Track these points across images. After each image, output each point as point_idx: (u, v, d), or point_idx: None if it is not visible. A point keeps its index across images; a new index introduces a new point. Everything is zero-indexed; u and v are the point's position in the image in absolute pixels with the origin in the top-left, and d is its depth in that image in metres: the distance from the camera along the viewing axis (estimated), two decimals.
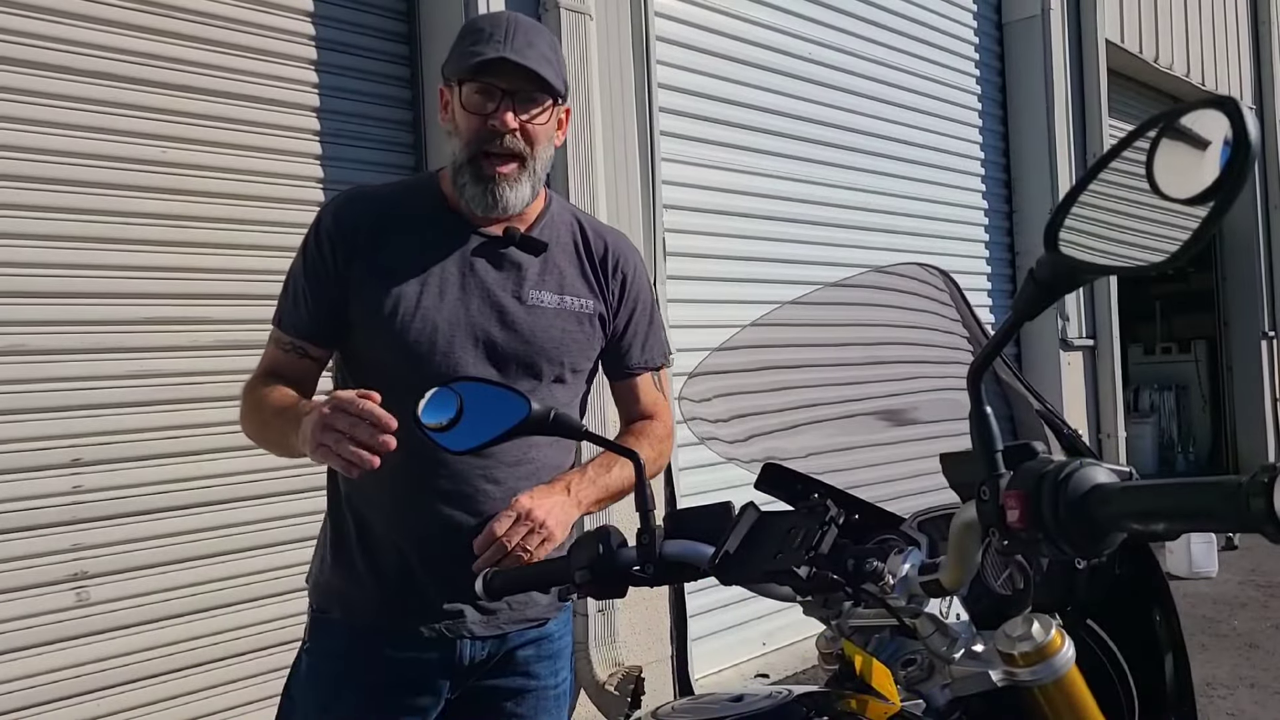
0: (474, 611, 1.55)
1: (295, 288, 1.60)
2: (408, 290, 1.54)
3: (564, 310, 1.59)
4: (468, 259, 1.58)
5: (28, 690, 2.67)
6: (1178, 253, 0.74)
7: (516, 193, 1.54)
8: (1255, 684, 4.34)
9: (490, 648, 1.58)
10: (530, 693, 1.62)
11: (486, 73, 1.50)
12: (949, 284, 1.26)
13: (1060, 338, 6.60)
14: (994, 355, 0.89)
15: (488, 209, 1.54)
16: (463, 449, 1.22)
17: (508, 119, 1.50)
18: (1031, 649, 0.91)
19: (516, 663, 1.61)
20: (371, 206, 1.60)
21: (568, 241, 1.65)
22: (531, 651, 1.62)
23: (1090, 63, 7.05)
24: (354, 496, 1.58)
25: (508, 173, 1.53)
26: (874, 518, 1.15)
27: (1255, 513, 0.68)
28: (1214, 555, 6.19)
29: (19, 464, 2.70)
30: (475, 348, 1.54)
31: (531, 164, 1.55)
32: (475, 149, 1.52)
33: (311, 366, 1.61)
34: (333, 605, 1.60)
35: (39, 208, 2.76)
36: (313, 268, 1.58)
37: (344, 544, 1.60)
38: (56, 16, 2.80)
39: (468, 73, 1.51)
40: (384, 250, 1.56)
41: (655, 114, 4.07)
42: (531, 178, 1.56)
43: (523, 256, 1.60)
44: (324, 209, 1.62)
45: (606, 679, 3.62)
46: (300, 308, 1.59)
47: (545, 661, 1.64)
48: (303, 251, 1.60)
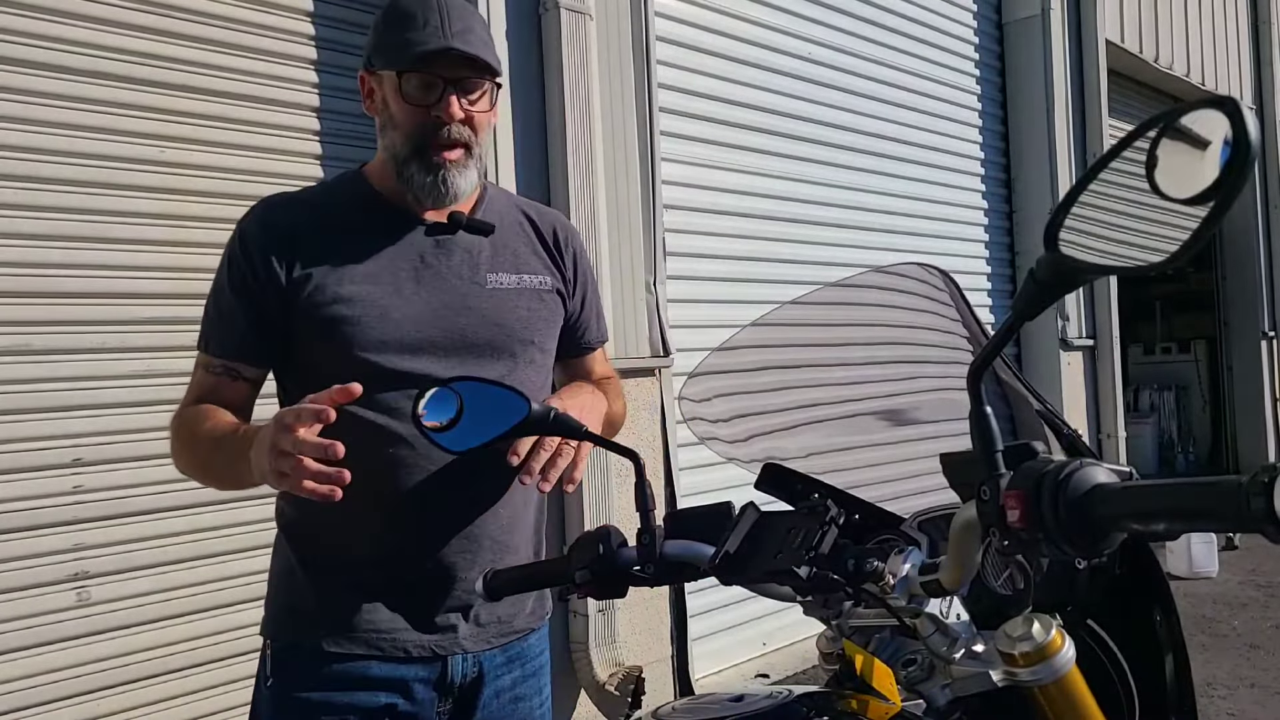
0: (465, 625, 1.49)
1: (220, 306, 1.49)
2: (362, 292, 1.45)
3: (525, 289, 1.55)
4: (418, 251, 1.51)
5: (28, 690, 2.67)
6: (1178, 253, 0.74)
7: (466, 178, 1.49)
8: (1255, 684, 4.35)
9: (479, 665, 1.52)
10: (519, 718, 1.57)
11: (428, 64, 1.43)
12: (949, 284, 1.26)
13: (1060, 338, 6.60)
14: (994, 355, 0.89)
15: (439, 198, 1.48)
16: (463, 449, 1.22)
17: (453, 110, 1.45)
18: (1032, 649, 0.91)
19: (502, 687, 1.54)
20: (301, 210, 1.51)
21: (513, 222, 1.61)
22: (517, 673, 1.56)
23: (1090, 63, 7.05)
24: (320, 519, 1.44)
25: (456, 159, 1.47)
26: (874, 518, 1.15)
27: (1255, 513, 0.68)
28: (1214, 555, 6.20)
29: (19, 464, 2.70)
30: (444, 341, 1.48)
31: (477, 150, 1.50)
32: (420, 140, 1.46)
33: (245, 389, 1.51)
34: (303, 633, 1.48)
35: (39, 208, 2.76)
36: (240, 281, 1.47)
37: (313, 568, 1.50)
38: (56, 16, 2.80)
39: (408, 64, 1.43)
40: (326, 254, 1.47)
41: (655, 114, 4.07)
42: (478, 163, 1.51)
43: (472, 241, 1.54)
44: (244, 221, 1.51)
45: (606, 679, 3.62)
46: (229, 326, 1.48)
47: (530, 681, 1.58)
48: (226, 267, 1.49)
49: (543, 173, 3.71)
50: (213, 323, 1.51)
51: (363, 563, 1.48)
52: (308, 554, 1.51)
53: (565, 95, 3.67)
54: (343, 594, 1.48)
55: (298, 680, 1.47)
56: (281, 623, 1.52)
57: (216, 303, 1.51)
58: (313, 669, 1.47)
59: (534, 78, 3.70)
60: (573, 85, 3.70)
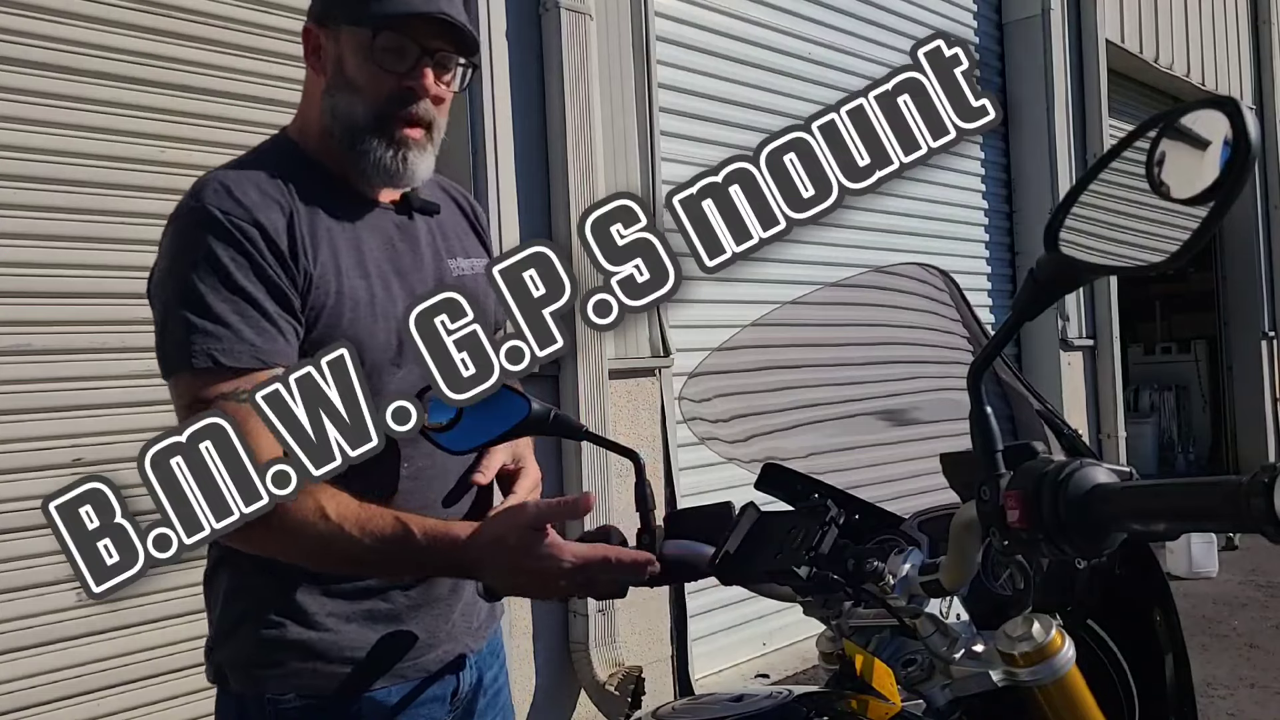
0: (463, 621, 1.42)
1: (235, 309, 1.22)
2: (356, 288, 1.30)
3: (478, 274, 1.38)
4: (386, 238, 1.36)
5: (28, 690, 2.67)
6: (1178, 253, 0.74)
7: (425, 162, 1.34)
8: (1255, 684, 4.34)
9: (478, 669, 1.46)
10: (500, 709, 1.53)
11: (408, 27, 1.28)
12: (949, 284, 1.26)
13: (1060, 338, 6.60)
14: (994, 355, 0.89)
15: (394, 177, 1.33)
16: (463, 449, 1.22)
17: (428, 83, 1.30)
18: (1032, 649, 0.91)
19: (487, 681, 1.49)
20: (262, 191, 1.27)
21: (448, 202, 1.47)
22: (496, 666, 1.52)
23: (1090, 63, 7.05)
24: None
25: (418, 139, 1.32)
26: (874, 518, 1.15)
27: (1255, 513, 0.68)
28: (1214, 555, 6.19)
29: (20, 464, 2.70)
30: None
31: (437, 136, 1.36)
32: (384, 110, 1.30)
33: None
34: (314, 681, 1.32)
35: (39, 208, 2.75)
36: (258, 271, 1.23)
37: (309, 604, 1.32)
38: (56, 16, 2.79)
39: (385, 22, 1.27)
40: (312, 242, 1.29)
41: (655, 114, 4.07)
42: (435, 149, 1.37)
43: (425, 224, 1.41)
44: (207, 207, 1.24)
45: (606, 679, 3.61)
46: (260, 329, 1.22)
47: (504, 670, 1.55)
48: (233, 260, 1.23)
49: (543, 172, 3.70)
50: (220, 336, 1.22)
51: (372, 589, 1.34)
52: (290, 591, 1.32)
53: (565, 95, 3.67)
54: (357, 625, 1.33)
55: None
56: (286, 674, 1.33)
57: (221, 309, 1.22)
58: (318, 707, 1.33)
59: (534, 78, 3.70)
60: (573, 85, 3.70)
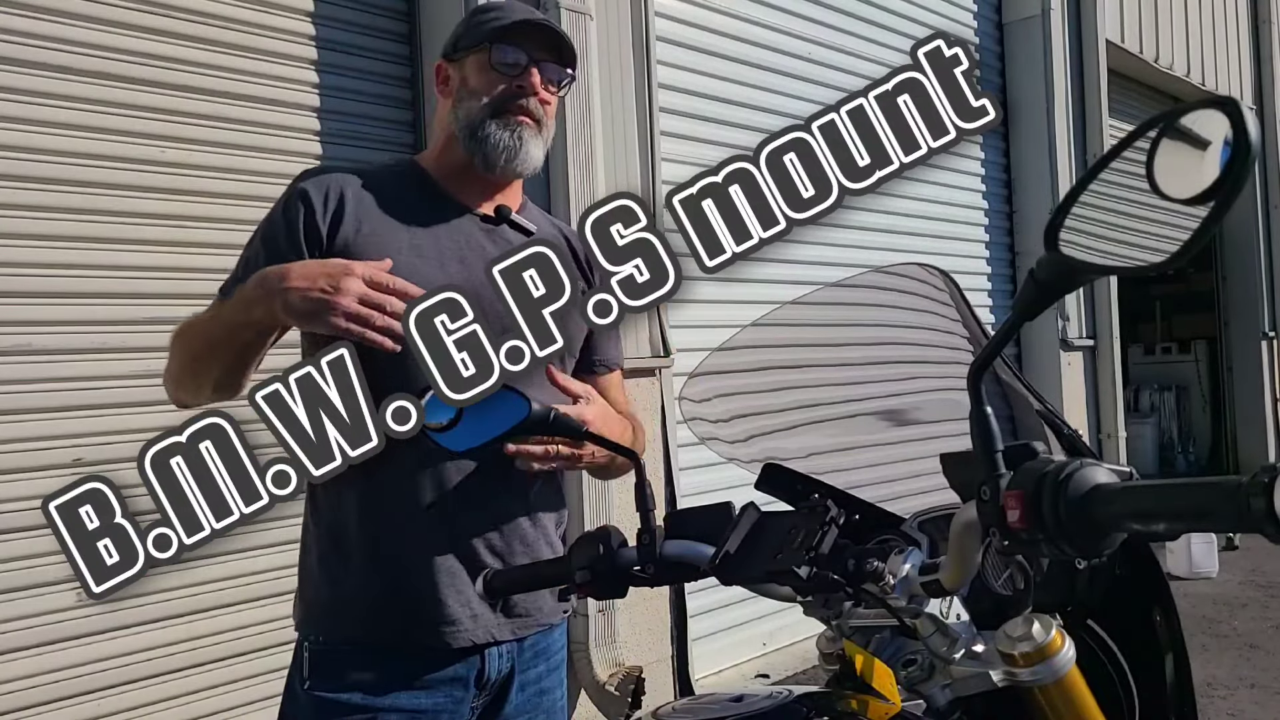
0: (493, 615, 1.48)
1: (267, 252, 1.46)
2: (405, 262, 1.44)
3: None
4: (465, 235, 1.53)
5: (28, 690, 2.67)
6: (1178, 253, 0.74)
7: (537, 148, 1.53)
8: (1255, 684, 4.34)
9: (511, 659, 1.52)
10: (543, 711, 1.58)
11: (519, 36, 1.50)
12: (949, 284, 1.26)
13: (1060, 338, 6.60)
14: (994, 355, 0.89)
15: (511, 157, 1.50)
16: (463, 449, 1.22)
17: (535, 81, 1.50)
18: (1032, 649, 0.91)
19: (528, 680, 1.55)
20: (349, 177, 1.53)
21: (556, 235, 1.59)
22: (542, 666, 1.57)
23: (1090, 63, 7.05)
24: (358, 516, 1.46)
25: (531, 124, 1.51)
26: (874, 518, 1.15)
27: (1255, 513, 0.68)
28: (1214, 555, 6.19)
29: (20, 464, 2.70)
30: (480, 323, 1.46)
31: (545, 132, 1.54)
32: (500, 103, 1.50)
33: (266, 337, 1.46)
34: (344, 631, 1.47)
35: (39, 208, 2.76)
36: (292, 229, 1.46)
37: (351, 566, 1.47)
38: (56, 16, 2.80)
39: (499, 34, 1.50)
40: (374, 221, 1.48)
41: (655, 114, 4.07)
42: (545, 145, 1.54)
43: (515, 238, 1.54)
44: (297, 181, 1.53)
45: (606, 679, 3.61)
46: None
47: (553, 674, 1.59)
48: (282, 215, 1.48)
49: (543, 172, 3.70)
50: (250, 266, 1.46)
51: (398, 554, 1.45)
52: (343, 552, 1.48)
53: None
54: (382, 589, 1.45)
55: (339, 682, 1.44)
56: (318, 621, 1.49)
57: (259, 250, 1.48)
58: (355, 670, 1.44)
59: None
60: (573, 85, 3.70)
